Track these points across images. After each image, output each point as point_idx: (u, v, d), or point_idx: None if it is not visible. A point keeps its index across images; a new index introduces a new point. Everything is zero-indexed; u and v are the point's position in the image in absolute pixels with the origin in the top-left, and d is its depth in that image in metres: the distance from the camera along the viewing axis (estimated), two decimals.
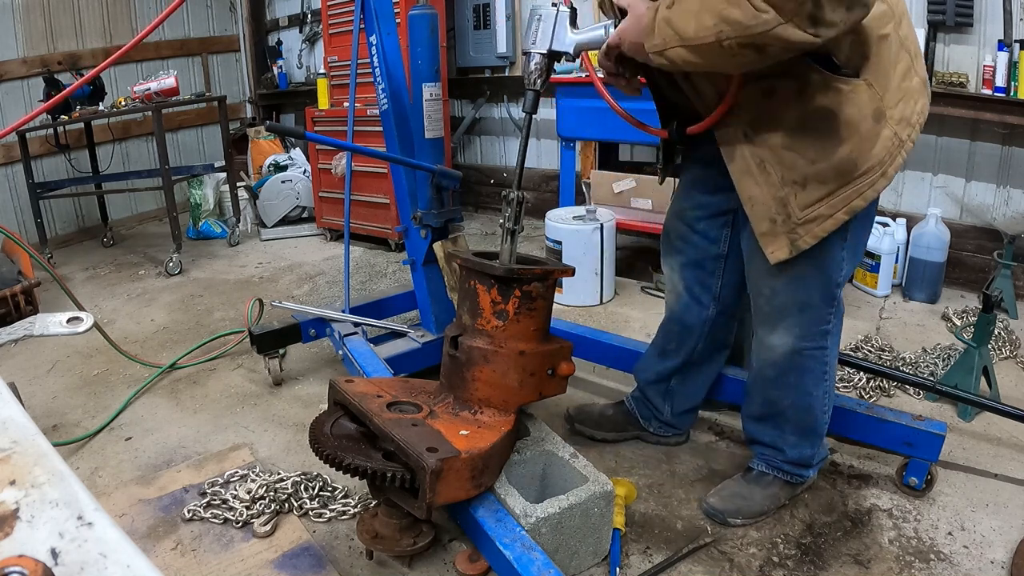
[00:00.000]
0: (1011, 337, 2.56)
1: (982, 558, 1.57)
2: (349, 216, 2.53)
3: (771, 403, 1.70)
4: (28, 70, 4.41)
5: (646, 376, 2.01)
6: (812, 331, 1.59)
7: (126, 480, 1.98)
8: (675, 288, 1.91)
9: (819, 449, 1.74)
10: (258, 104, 5.91)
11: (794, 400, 1.66)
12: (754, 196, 1.48)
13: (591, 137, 3.61)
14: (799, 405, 1.67)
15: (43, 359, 2.84)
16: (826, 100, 1.35)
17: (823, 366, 1.63)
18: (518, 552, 1.33)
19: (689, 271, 1.84)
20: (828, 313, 1.58)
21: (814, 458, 1.73)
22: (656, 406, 1.99)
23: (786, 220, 1.45)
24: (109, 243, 4.65)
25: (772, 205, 1.45)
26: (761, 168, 1.44)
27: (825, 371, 1.64)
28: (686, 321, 1.88)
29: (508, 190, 1.56)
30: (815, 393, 1.65)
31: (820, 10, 1.12)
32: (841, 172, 1.39)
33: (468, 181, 4.54)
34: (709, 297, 1.84)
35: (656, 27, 1.28)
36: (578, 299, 3.16)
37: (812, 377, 1.64)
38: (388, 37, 2.22)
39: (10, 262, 3.28)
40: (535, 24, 1.50)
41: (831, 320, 1.59)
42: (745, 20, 1.15)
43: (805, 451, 1.71)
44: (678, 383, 1.96)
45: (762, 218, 1.48)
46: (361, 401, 1.56)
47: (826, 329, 1.60)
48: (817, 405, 1.67)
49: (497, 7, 4.34)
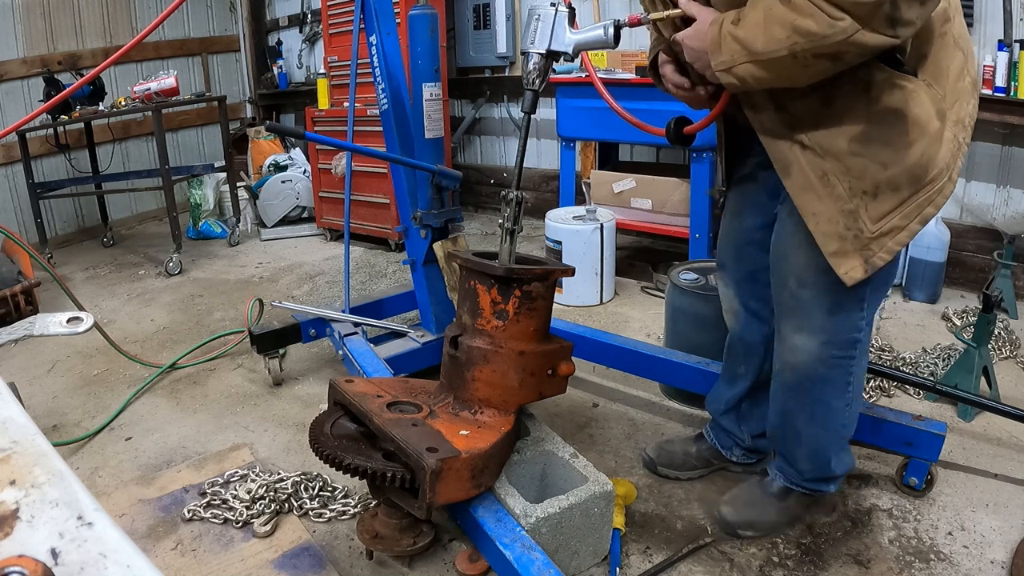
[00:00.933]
0: (1011, 337, 2.56)
1: (982, 558, 1.57)
2: (349, 216, 2.53)
3: (786, 415, 1.60)
4: (28, 70, 4.41)
5: (716, 407, 1.89)
6: (841, 338, 1.47)
7: (126, 480, 1.98)
8: (732, 306, 1.78)
9: (840, 460, 1.62)
10: (258, 104, 5.91)
11: (810, 414, 1.55)
12: (818, 212, 1.35)
13: (591, 137, 3.61)
14: (815, 419, 1.56)
15: (43, 359, 2.84)
16: (893, 99, 1.26)
17: (847, 377, 1.52)
18: (518, 552, 1.33)
19: (744, 286, 1.72)
20: (859, 319, 1.46)
21: (833, 471, 1.62)
22: (734, 433, 1.87)
23: (858, 236, 1.33)
24: (109, 243, 4.65)
25: (840, 220, 1.33)
26: (824, 181, 1.33)
27: (849, 382, 1.52)
28: (747, 339, 1.76)
29: (508, 190, 1.56)
30: (834, 406, 1.54)
31: (897, 10, 1.07)
32: (915, 176, 1.28)
33: (468, 181, 4.54)
34: (768, 311, 1.68)
35: (723, 43, 1.22)
36: (578, 299, 3.16)
37: (833, 389, 1.52)
38: (388, 37, 2.22)
39: (10, 262, 3.28)
40: (534, 24, 1.50)
41: (862, 328, 1.48)
42: (821, 30, 1.10)
43: (821, 467, 1.61)
44: (749, 406, 1.83)
45: (830, 236, 1.35)
46: (361, 401, 1.56)
47: (856, 338, 1.48)
48: (835, 420, 1.55)
49: (497, 7, 4.34)
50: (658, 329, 2.82)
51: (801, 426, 1.58)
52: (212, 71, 5.70)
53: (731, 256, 1.73)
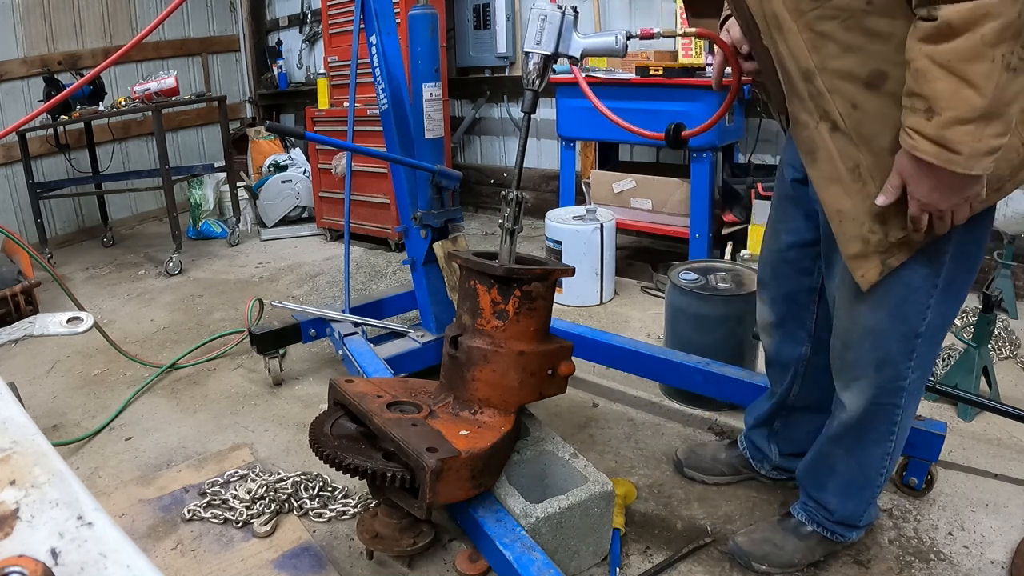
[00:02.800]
0: (1011, 337, 2.56)
1: (982, 558, 1.57)
2: (349, 216, 2.53)
3: (824, 456, 1.53)
4: (28, 70, 4.41)
5: (749, 419, 1.84)
6: (887, 388, 1.36)
7: (126, 480, 1.98)
8: (765, 323, 1.70)
9: (869, 510, 1.54)
10: (258, 104, 5.90)
11: (848, 456, 1.48)
12: (844, 210, 1.20)
13: (591, 137, 3.61)
14: (853, 463, 1.48)
15: (43, 359, 2.84)
16: None
17: (891, 426, 1.41)
18: (518, 552, 1.33)
19: (780, 305, 1.63)
20: (905, 368, 1.33)
21: (861, 519, 1.54)
22: (762, 449, 1.82)
23: (882, 240, 1.18)
24: (109, 243, 4.65)
25: (866, 222, 1.18)
26: (855, 174, 1.17)
27: (892, 432, 1.42)
28: (781, 358, 1.69)
29: (508, 190, 1.56)
30: (875, 452, 1.45)
31: None
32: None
33: (468, 181, 4.54)
34: (803, 333, 1.62)
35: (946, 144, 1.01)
36: (578, 299, 3.16)
37: (875, 436, 1.43)
38: (388, 37, 2.22)
39: (10, 262, 3.28)
40: (540, 24, 1.49)
41: (908, 376, 1.35)
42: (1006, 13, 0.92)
43: (850, 511, 1.52)
44: (782, 425, 1.76)
45: (852, 238, 1.21)
46: (361, 401, 1.56)
47: (901, 386, 1.36)
48: (873, 466, 1.47)
49: (497, 7, 4.34)
50: (658, 329, 2.82)
51: (838, 465, 1.50)
52: (212, 71, 5.69)
53: (769, 274, 1.65)
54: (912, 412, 1.44)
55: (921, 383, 1.40)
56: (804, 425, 1.70)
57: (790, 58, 1.15)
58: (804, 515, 1.58)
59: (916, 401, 1.44)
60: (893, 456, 1.46)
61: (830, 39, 1.10)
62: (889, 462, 1.47)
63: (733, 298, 2.14)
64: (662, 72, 2.97)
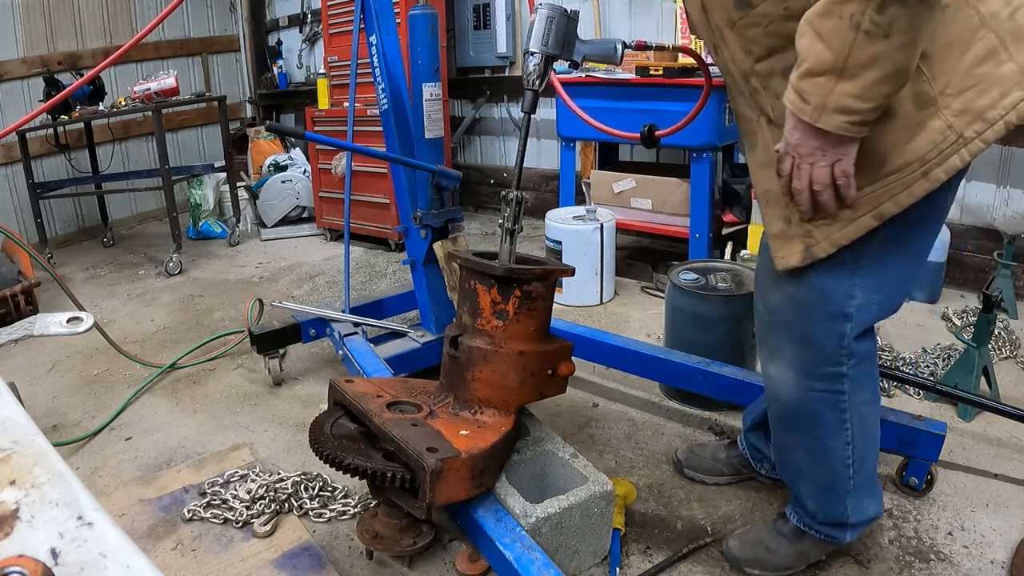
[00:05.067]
0: (1011, 337, 2.56)
1: (982, 558, 1.57)
2: (349, 216, 2.53)
3: (782, 449, 1.51)
4: (28, 70, 4.41)
5: (747, 420, 1.82)
6: (819, 371, 1.33)
7: (126, 480, 1.98)
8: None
9: (859, 506, 1.46)
10: (258, 104, 5.91)
11: (807, 450, 1.43)
12: (770, 190, 1.28)
13: (591, 137, 3.61)
14: (813, 456, 1.43)
15: (43, 359, 2.84)
16: None
17: (839, 414, 1.37)
18: (518, 552, 1.33)
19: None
20: (839, 354, 1.31)
21: (847, 518, 1.46)
22: (761, 449, 1.80)
23: (802, 221, 1.24)
24: (109, 243, 4.65)
25: (789, 203, 1.23)
26: None
27: (844, 421, 1.37)
28: None
29: (508, 190, 1.57)
30: (831, 445, 1.40)
31: None
32: (868, 164, 1.16)
33: (468, 181, 4.54)
34: None
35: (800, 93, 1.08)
36: (578, 299, 3.16)
37: (827, 428, 1.38)
38: (388, 37, 2.22)
39: (10, 262, 3.28)
40: (546, 25, 1.50)
41: (844, 362, 1.32)
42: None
43: (828, 510, 1.47)
44: None
45: (775, 217, 1.28)
46: (361, 401, 1.56)
47: (839, 372, 1.33)
48: (836, 460, 1.41)
49: (497, 7, 4.34)
50: (658, 329, 2.82)
51: (800, 462, 1.46)
52: (212, 71, 5.69)
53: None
54: (869, 401, 1.39)
55: (869, 370, 1.36)
56: None
57: (732, 62, 1.26)
58: (795, 517, 1.54)
59: (870, 389, 1.38)
60: (856, 447, 1.40)
61: (757, 43, 1.20)
62: (853, 453, 1.40)
63: (733, 298, 2.15)
64: (662, 72, 2.97)
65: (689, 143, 2.97)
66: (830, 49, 1.03)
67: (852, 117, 1.07)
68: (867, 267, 1.25)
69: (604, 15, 3.96)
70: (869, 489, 1.47)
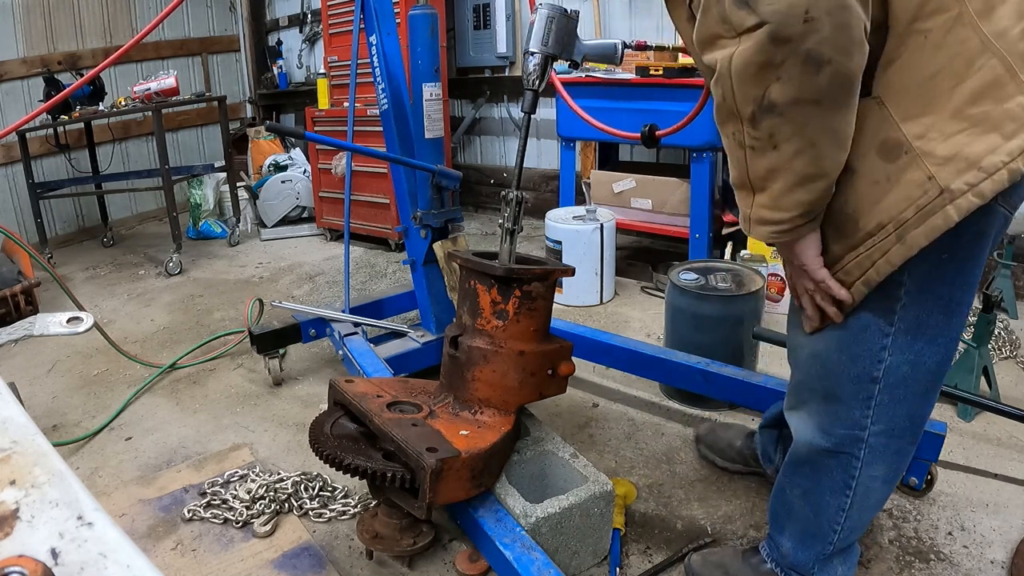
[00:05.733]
0: (1011, 337, 2.56)
1: (982, 558, 1.57)
2: (349, 216, 2.53)
3: (783, 492, 1.40)
4: (28, 70, 4.41)
5: (765, 416, 1.78)
6: (838, 432, 1.23)
7: (126, 480, 1.98)
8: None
9: (826, 567, 1.37)
10: (258, 104, 5.91)
11: (804, 494, 1.35)
12: None
13: (591, 137, 3.61)
14: (807, 503, 1.35)
15: (43, 359, 2.84)
16: None
17: (847, 479, 1.26)
18: (518, 552, 1.33)
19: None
20: (862, 416, 1.19)
21: (814, 573, 1.37)
22: (767, 449, 1.76)
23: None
24: (109, 243, 4.65)
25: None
26: None
27: (849, 487, 1.26)
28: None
29: (508, 190, 1.57)
30: (829, 504, 1.30)
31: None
32: (840, 230, 1.05)
33: (468, 181, 4.54)
34: None
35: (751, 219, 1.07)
36: (578, 299, 3.16)
37: (830, 484, 1.29)
38: (388, 37, 2.22)
39: (10, 262, 3.28)
40: (547, 25, 1.50)
41: (867, 426, 1.20)
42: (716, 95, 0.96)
43: (801, 560, 1.38)
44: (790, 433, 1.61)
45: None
46: (361, 401, 1.56)
47: (858, 436, 1.21)
48: (827, 518, 1.32)
49: (497, 7, 4.34)
50: (658, 329, 2.82)
51: (794, 502, 1.37)
52: (212, 71, 5.69)
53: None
54: (880, 477, 1.25)
55: (891, 444, 1.22)
56: None
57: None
58: (766, 551, 1.46)
59: (886, 464, 1.24)
60: (850, 516, 1.29)
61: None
62: (845, 520, 1.30)
63: (733, 298, 2.15)
64: (662, 72, 2.97)
65: (689, 143, 2.97)
66: (734, 166, 1.02)
67: (774, 227, 1.03)
68: (900, 329, 1.11)
69: (604, 15, 3.95)
70: (845, 554, 1.38)
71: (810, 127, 0.92)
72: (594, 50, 1.56)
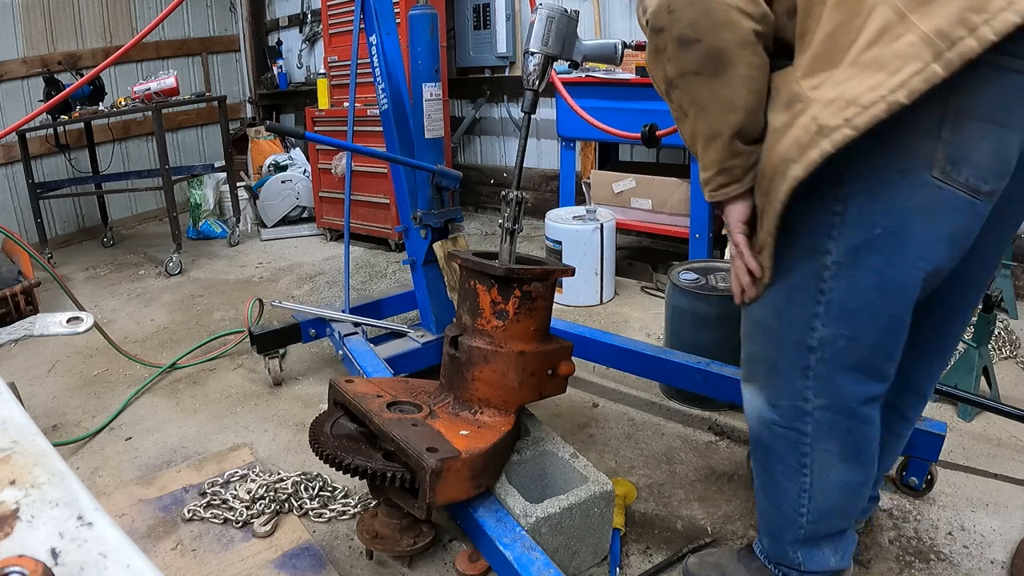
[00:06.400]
0: (1011, 337, 2.56)
1: (982, 558, 1.57)
2: (349, 216, 2.53)
3: (755, 482, 1.38)
4: (28, 70, 4.42)
5: None
6: (782, 403, 1.22)
7: (126, 480, 1.98)
8: None
9: (810, 555, 1.32)
10: (258, 104, 5.91)
11: (762, 484, 1.33)
12: None
13: (591, 137, 3.61)
14: (767, 493, 1.33)
15: (43, 359, 2.84)
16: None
17: (799, 457, 1.23)
18: (518, 552, 1.33)
19: None
20: (803, 386, 1.18)
21: (800, 565, 1.33)
22: None
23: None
24: (109, 243, 4.65)
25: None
26: None
27: (804, 466, 1.23)
28: None
29: (508, 190, 1.57)
30: (784, 487, 1.28)
31: None
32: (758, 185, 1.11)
33: (468, 181, 4.54)
34: None
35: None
36: (578, 299, 3.16)
37: (782, 466, 1.26)
38: (388, 37, 2.22)
39: (10, 262, 3.28)
40: (547, 25, 1.50)
41: (809, 398, 1.18)
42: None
43: (776, 552, 1.35)
44: None
45: None
46: (361, 401, 1.56)
47: (802, 408, 1.20)
48: (788, 504, 1.28)
49: (497, 7, 4.34)
50: (658, 329, 2.82)
51: (758, 492, 1.35)
52: (212, 71, 5.70)
53: None
54: (836, 453, 1.21)
55: (839, 421, 1.19)
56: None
57: None
58: (758, 548, 1.43)
59: (840, 442, 1.21)
60: (814, 498, 1.25)
61: None
62: (809, 502, 1.25)
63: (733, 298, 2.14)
64: None
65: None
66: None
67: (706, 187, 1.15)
68: (832, 294, 1.11)
69: (604, 15, 3.96)
70: (833, 540, 1.32)
71: (698, 94, 1.07)
72: (594, 50, 1.57)
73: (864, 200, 1.04)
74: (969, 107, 0.97)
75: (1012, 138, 0.99)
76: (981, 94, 0.96)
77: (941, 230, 1.04)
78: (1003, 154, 0.99)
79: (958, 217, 1.03)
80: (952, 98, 0.96)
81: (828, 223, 1.08)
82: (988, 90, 0.96)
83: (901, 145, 1.00)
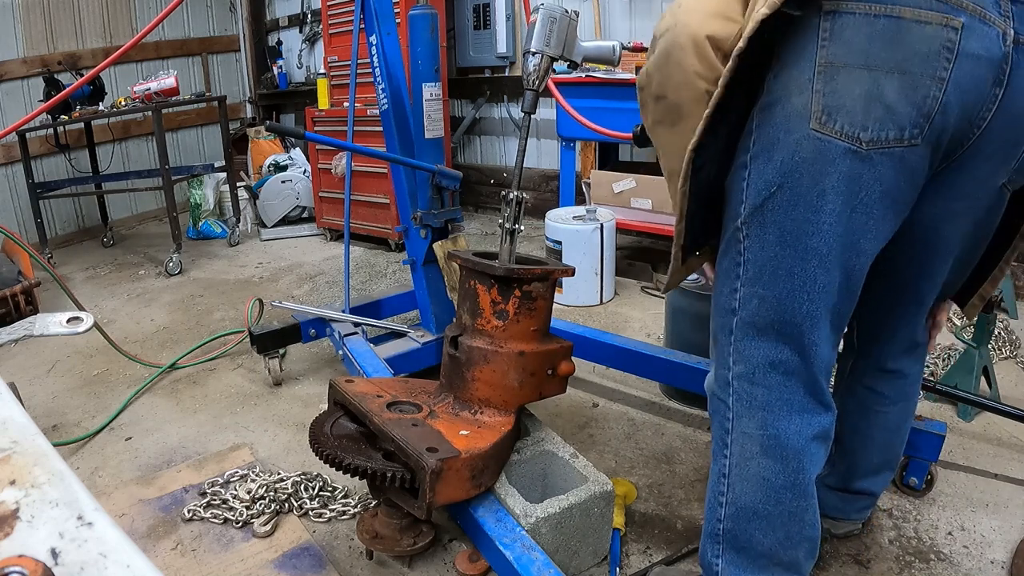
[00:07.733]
0: (1011, 337, 2.56)
1: (982, 558, 1.57)
2: (349, 216, 2.53)
3: None
4: (28, 70, 4.42)
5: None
6: (719, 373, 1.22)
7: (126, 480, 1.98)
8: None
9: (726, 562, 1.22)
10: (258, 104, 5.91)
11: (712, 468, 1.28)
12: None
13: (591, 137, 3.61)
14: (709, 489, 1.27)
15: (43, 359, 2.84)
16: None
17: (722, 433, 1.21)
18: (518, 552, 1.33)
19: None
20: (727, 351, 1.20)
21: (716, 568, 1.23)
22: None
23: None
24: (109, 243, 4.65)
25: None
26: None
27: (725, 444, 1.20)
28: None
29: (508, 190, 1.57)
30: (712, 468, 1.24)
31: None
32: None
33: (468, 181, 4.54)
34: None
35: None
36: (578, 299, 3.16)
37: (714, 444, 1.24)
38: (388, 37, 2.22)
39: (10, 262, 3.28)
40: (548, 25, 1.51)
41: (730, 365, 1.19)
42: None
43: (703, 548, 1.27)
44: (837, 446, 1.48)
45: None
46: (361, 401, 1.56)
47: (725, 377, 1.20)
48: (712, 487, 1.24)
49: (497, 7, 4.34)
50: (658, 329, 2.82)
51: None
52: (212, 71, 5.70)
53: None
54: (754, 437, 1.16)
55: (755, 392, 1.16)
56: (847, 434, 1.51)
57: None
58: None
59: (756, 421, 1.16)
60: (732, 487, 1.19)
61: None
62: (727, 491, 1.19)
63: None
64: None
65: None
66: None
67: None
68: (747, 254, 1.15)
69: (604, 15, 3.95)
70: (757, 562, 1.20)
71: (662, 139, 1.28)
72: (593, 51, 1.58)
73: (761, 162, 1.11)
74: (837, 55, 1.00)
75: (887, 82, 0.98)
76: (849, 42, 0.99)
77: (829, 181, 1.04)
78: (879, 98, 0.98)
79: (845, 166, 1.03)
80: (821, 50, 1.01)
81: (740, 189, 1.15)
82: (855, 37, 0.98)
83: (784, 105, 1.06)
